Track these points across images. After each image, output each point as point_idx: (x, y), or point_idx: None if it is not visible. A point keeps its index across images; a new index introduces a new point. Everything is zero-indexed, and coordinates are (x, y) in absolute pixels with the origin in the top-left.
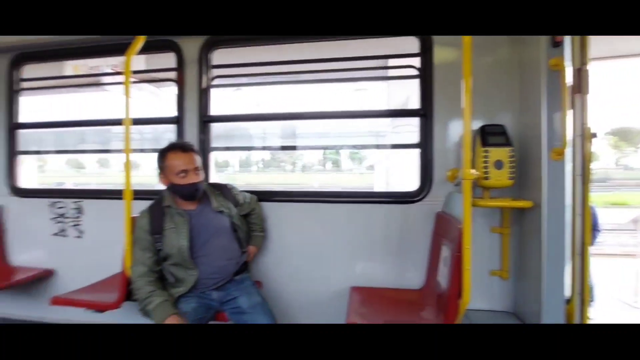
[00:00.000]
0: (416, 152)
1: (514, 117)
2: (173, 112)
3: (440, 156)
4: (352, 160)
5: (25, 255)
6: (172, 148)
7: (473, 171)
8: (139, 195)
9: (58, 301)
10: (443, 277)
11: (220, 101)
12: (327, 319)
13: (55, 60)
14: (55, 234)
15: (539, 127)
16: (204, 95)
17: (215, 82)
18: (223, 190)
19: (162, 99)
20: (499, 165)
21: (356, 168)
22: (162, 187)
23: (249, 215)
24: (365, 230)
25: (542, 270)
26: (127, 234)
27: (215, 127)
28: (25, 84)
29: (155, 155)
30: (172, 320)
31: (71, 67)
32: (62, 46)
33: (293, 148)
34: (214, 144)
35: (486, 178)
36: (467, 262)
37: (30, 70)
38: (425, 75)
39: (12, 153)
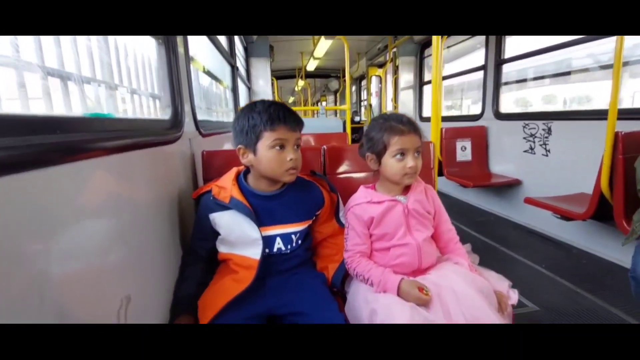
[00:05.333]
0: None
1: None
2: None
3: None
4: None
5: (500, 166)
6: None
7: None
8: (622, 115)
9: (530, 201)
10: None
11: None
12: None
13: None
14: (525, 151)
15: None
16: None
17: None
18: None
19: None
20: None
21: None
22: None
23: None
24: None
25: None
26: (607, 150)
27: None
28: None
29: None
30: None
31: None
32: None
33: None
34: None
35: None
36: None
37: None
38: None
39: (497, 85)
